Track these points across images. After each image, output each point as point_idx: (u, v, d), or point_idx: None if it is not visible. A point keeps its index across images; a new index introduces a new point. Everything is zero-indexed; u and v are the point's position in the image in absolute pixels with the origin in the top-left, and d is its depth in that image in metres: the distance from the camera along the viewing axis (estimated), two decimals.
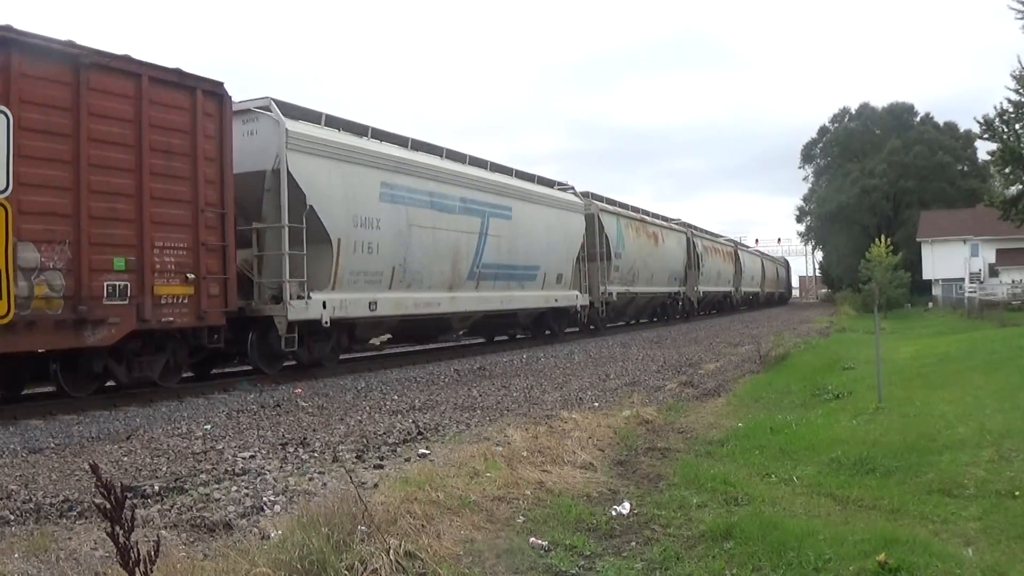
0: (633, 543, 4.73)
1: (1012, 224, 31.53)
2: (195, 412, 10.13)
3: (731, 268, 47.23)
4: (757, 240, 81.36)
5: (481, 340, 23.19)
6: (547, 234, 21.97)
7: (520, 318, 22.13)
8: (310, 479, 6.08)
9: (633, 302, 30.37)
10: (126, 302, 10.52)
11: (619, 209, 29.61)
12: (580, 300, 24.16)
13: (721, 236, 49.67)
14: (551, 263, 22.31)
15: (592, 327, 26.36)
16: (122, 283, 10.50)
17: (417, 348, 20.15)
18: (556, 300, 22.84)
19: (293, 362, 14.24)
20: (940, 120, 66.05)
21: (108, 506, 2.29)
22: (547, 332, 23.68)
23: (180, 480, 6.11)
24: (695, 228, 40.46)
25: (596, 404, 10.10)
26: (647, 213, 33.73)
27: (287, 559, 3.75)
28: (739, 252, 50.66)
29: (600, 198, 28.00)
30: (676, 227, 37.08)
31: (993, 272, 51.33)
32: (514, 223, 20.21)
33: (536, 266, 21.50)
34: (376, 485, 5.62)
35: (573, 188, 25.41)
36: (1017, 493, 5.46)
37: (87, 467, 5.96)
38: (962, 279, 51.88)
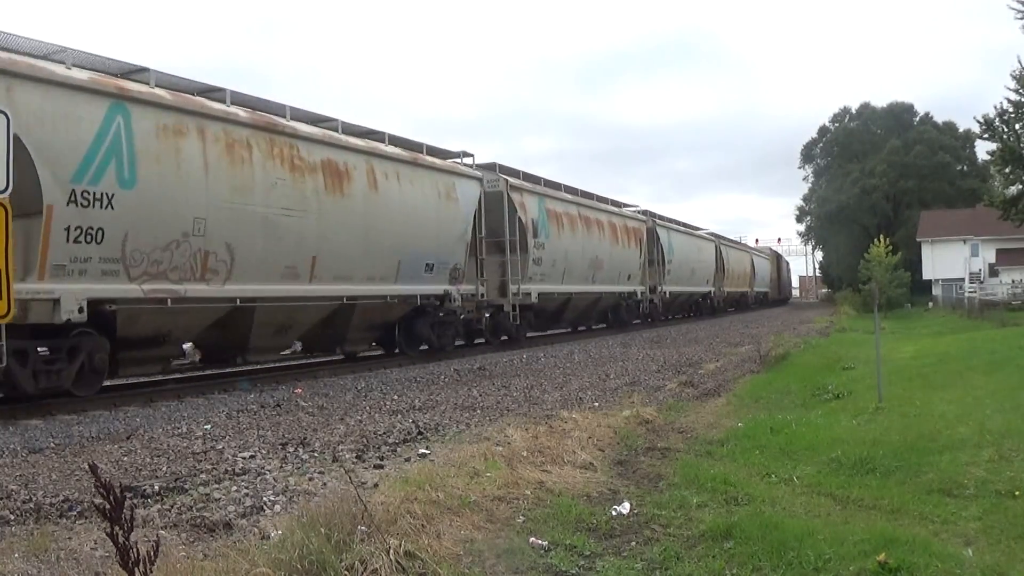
0: (633, 543, 4.73)
1: (1012, 224, 31.59)
2: (195, 412, 10.13)
3: (633, 253, 28.71)
4: (757, 240, 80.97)
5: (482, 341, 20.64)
6: None
7: None
8: (310, 479, 6.08)
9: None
10: None
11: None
12: None
13: (608, 204, 28.38)
14: None
15: None
16: None
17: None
18: None
19: None
20: (940, 120, 66.26)
21: (107, 506, 2.29)
22: None
23: (180, 480, 6.11)
24: (514, 173, 21.65)
25: (596, 404, 10.09)
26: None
27: (287, 559, 3.75)
28: (658, 230, 31.76)
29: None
30: (418, 161, 16.85)
31: (993, 272, 51.38)
32: None
33: None
34: (376, 485, 5.62)
35: None
36: (1017, 493, 5.46)
37: (87, 467, 5.96)
38: (962, 279, 51.93)
